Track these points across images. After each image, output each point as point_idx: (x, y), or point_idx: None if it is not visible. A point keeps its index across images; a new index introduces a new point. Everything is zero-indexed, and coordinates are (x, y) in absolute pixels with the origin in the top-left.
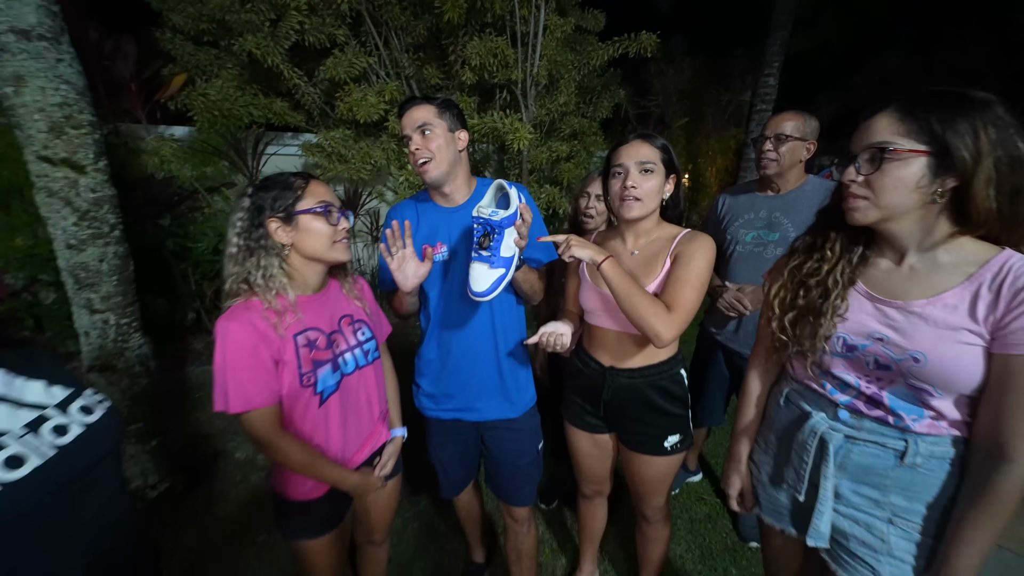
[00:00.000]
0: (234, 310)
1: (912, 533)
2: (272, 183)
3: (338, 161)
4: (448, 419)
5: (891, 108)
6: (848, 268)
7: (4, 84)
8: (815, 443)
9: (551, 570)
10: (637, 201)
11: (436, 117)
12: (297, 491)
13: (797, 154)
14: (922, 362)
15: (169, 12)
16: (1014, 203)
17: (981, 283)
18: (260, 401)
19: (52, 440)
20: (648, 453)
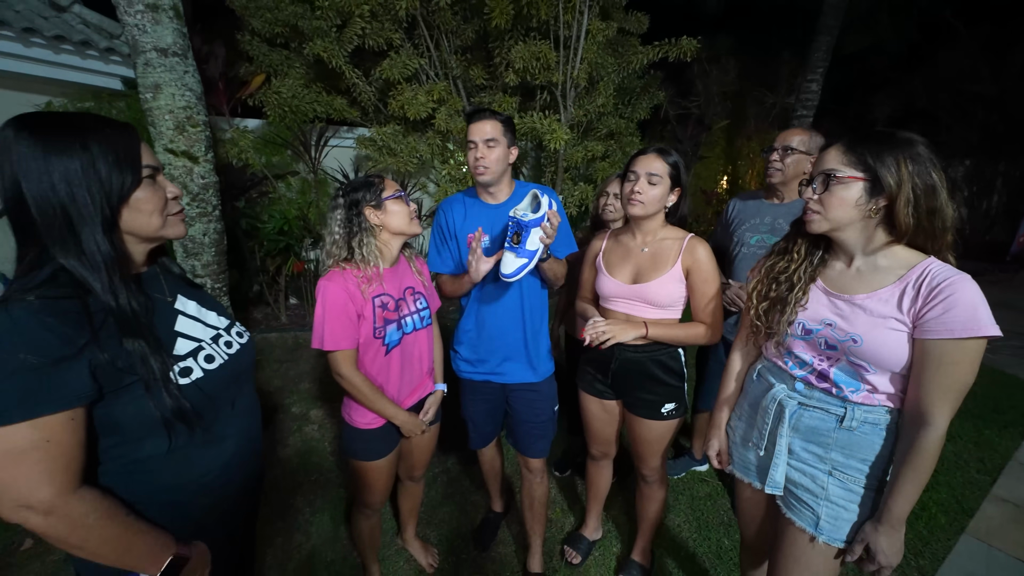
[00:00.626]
0: (332, 274)
1: (847, 483)
2: (357, 184)
3: (388, 154)
4: (480, 380)
5: (839, 143)
6: (810, 268)
7: (145, 91)
8: (774, 408)
9: (561, 526)
10: (640, 204)
11: (501, 134)
12: (361, 421)
13: (801, 166)
14: (859, 343)
15: (250, 17)
16: (931, 220)
17: (907, 283)
18: (345, 344)
19: (225, 350)
20: (647, 417)
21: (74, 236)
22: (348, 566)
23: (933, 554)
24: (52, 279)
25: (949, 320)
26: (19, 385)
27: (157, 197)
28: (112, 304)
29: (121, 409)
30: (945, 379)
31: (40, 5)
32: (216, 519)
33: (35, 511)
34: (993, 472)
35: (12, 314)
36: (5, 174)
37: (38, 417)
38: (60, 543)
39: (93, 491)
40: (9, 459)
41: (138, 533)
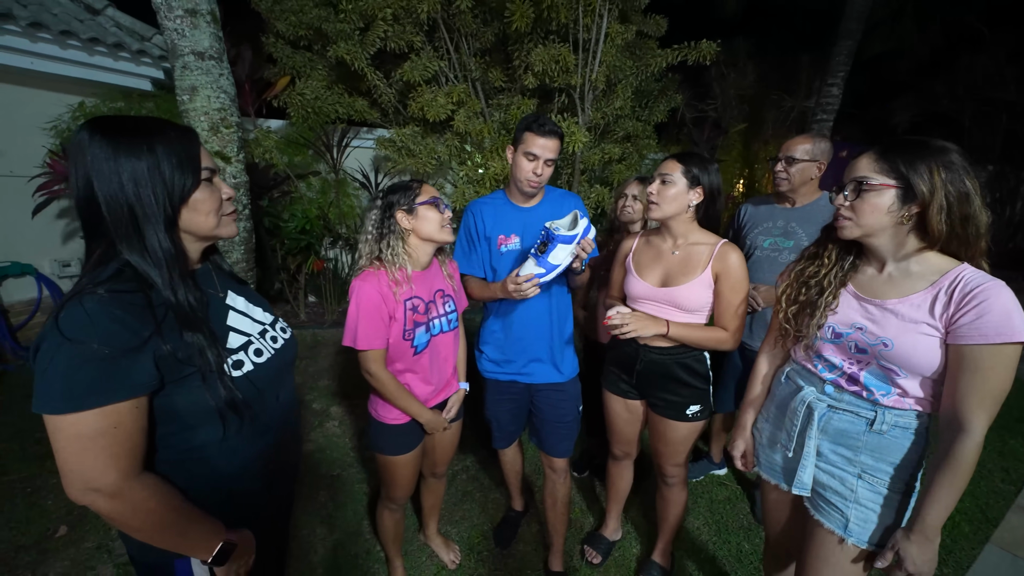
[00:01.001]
0: (366, 275)
1: (876, 486)
2: (396, 187)
3: (407, 155)
4: (505, 381)
5: (871, 151)
6: (840, 272)
7: (182, 93)
8: (803, 410)
9: (580, 525)
10: (654, 205)
11: (557, 153)
12: (388, 417)
13: (808, 173)
14: (890, 347)
15: (275, 20)
16: (964, 226)
17: (940, 289)
18: (376, 344)
19: (271, 344)
20: (672, 418)
21: (139, 233)
22: (372, 560)
23: (957, 563)
24: (118, 274)
25: (983, 325)
26: (92, 374)
27: (214, 198)
28: (172, 299)
29: (179, 398)
30: (981, 385)
31: (76, 8)
32: (260, 507)
33: (102, 494)
34: (1018, 482)
35: (85, 307)
36: (79, 174)
37: (108, 404)
38: (122, 525)
39: (154, 476)
40: (80, 444)
41: (193, 519)
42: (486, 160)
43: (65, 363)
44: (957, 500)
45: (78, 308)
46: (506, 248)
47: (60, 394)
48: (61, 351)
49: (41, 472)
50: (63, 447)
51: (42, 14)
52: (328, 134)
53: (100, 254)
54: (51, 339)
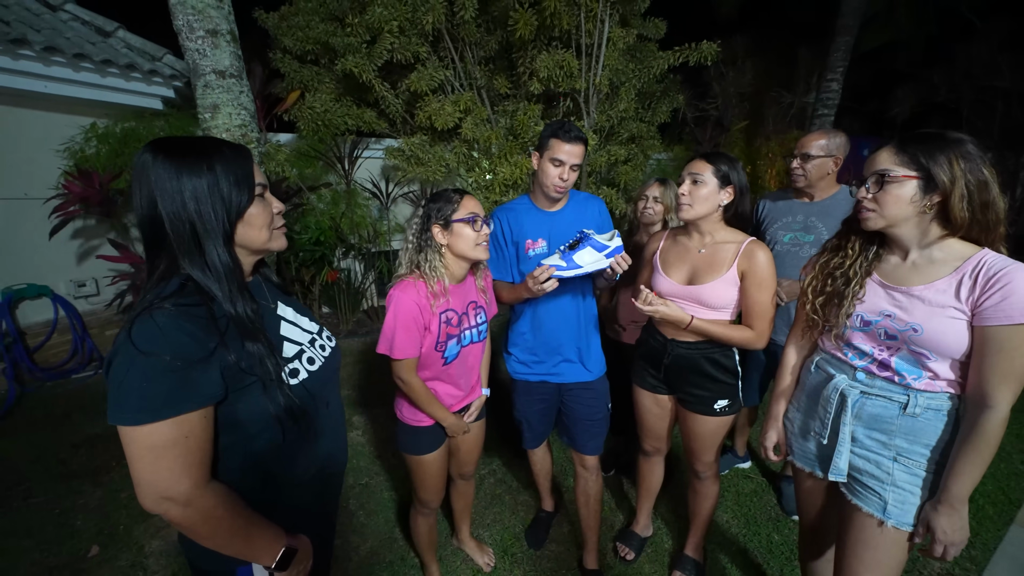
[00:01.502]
0: (405, 285)
1: (912, 468)
2: (439, 197)
3: (416, 164)
4: (535, 381)
5: (891, 144)
6: (865, 262)
7: (204, 111)
8: (837, 398)
9: (610, 523)
10: (687, 205)
11: (583, 158)
12: (412, 418)
13: (824, 168)
14: (919, 331)
15: (282, 36)
16: (984, 213)
17: (964, 273)
18: (410, 353)
19: (321, 353)
20: (700, 413)
21: (199, 249)
22: (407, 566)
23: (984, 544)
24: (181, 288)
25: (1007, 307)
26: (166, 385)
27: (266, 213)
28: (232, 311)
29: (241, 408)
30: (1006, 363)
31: (88, 32)
32: (315, 512)
33: (175, 503)
34: None
35: (157, 321)
36: (143, 193)
37: (181, 415)
38: (193, 533)
39: (221, 485)
40: (155, 454)
41: (257, 526)
42: (494, 166)
43: (140, 375)
44: (982, 473)
45: (150, 322)
46: (533, 252)
47: (136, 406)
48: (136, 364)
49: (68, 493)
50: (139, 458)
51: (56, 38)
52: (338, 146)
53: (163, 270)
54: (125, 353)
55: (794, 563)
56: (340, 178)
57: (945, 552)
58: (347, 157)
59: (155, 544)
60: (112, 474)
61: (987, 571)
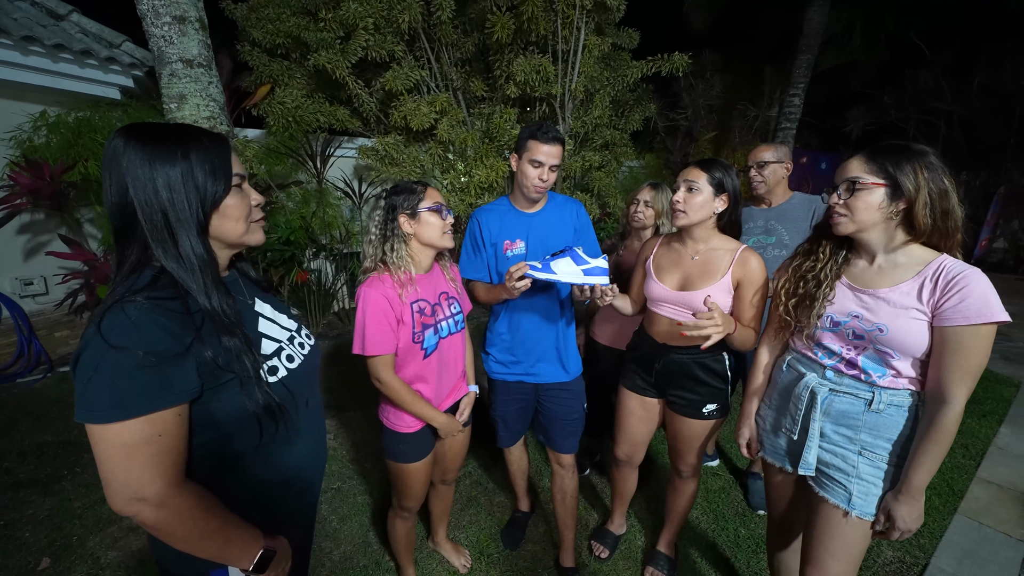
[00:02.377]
0: (371, 281)
1: (875, 462)
2: (401, 188)
3: (390, 164)
4: (513, 381)
5: (861, 154)
6: (835, 266)
7: (170, 101)
8: (807, 395)
9: (585, 522)
10: (681, 213)
11: (561, 159)
12: (400, 424)
13: (778, 174)
14: (885, 331)
15: (251, 28)
16: (945, 220)
17: (925, 277)
18: (385, 349)
19: (300, 350)
20: (688, 416)
21: (173, 239)
22: (382, 570)
23: (931, 533)
24: (154, 281)
25: (965, 308)
26: (139, 381)
27: (244, 204)
28: (207, 305)
29: (217, 406)
30: (962, 361)
31: (39, 14)
32: (294, 513)
33: (148, 503)
34: (977, 457)
35: (128, 314)
36: (114, 180)
37: (154, 412)
38: (168, 535)
39: (196, 485)
40: (126, 453)
41: (234, 527)
42: (469, 168)
43: (111, 371)
44: (939, 464)
45: (121, 315)
46: (512, 253)
47: (107, 403)
48: (106, 359)
49: (16, 504)
50: (109, 457)
51: (2, 19)
52: (310, 143)
53: (134, 261)
54: (94, 347)
55: (760, 555)
56: (311, 176)
57: (901, 537)
58: (319, 155)
59: (111, 555)
60: (64, 483)
61: (934, 557)
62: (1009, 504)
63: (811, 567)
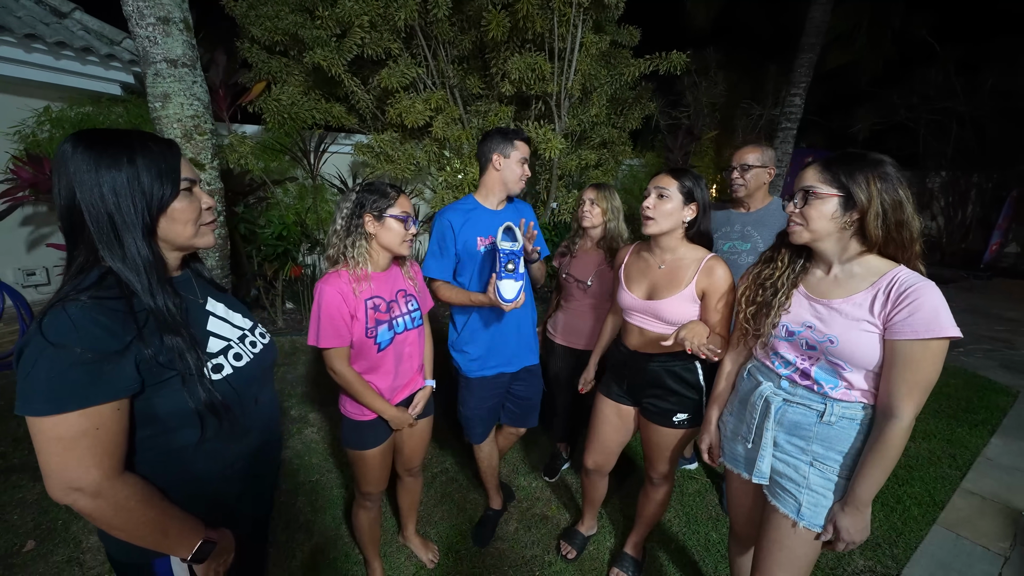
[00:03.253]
0: (328, 277)
1: (826, 473)
2: (375, 188)
3: (385, 161)
4: (491, 375)
5: (816, 163)
6: (792, 274)
7: (155, 100)
8: (761, 404)
9: (556, 522)
10: (651, 220)
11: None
12: (355, 413)
13: (760, 179)
14: (835, 343)
15: (250, 25)
16: (899, 231)
17: (879, 289)
18: (338, 342)
19: (251, 349)
20: (659, 424)
21: (119, 241)
22: (351, 562)
23: (907, 543)
24: (100, 281)
25: (914, 322)
26: (74, 377)
27: (192, 208)
28: (152, 304)
29: (159, 401)
30: (910, 376)
31: (42, 12)
32: (240, 509)
33: (84, 493)
34: (963, 467)
35: (69, 312)
36: (62, 183)
37: (90, 407)
38: (104, 524)
39: (135, 476)
40: (63, 444)
41: (173, 518)
42: (465, 166)
43: (48, 367)
44: (885, 478)
45: (62, 314)
46: (484, 248)
47: (43, 396)
48: (44, 355)
49: (5, 488)
50: (45, 448)
51: (5, 17)
52: (305, 140)
53: (82, 262)
54: (35, 344)
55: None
56: (306, 173)
57: (846, 548)
58: (314, 152)
59: (93, 540)
60: None
61: (907, 568)
62: (991, 516)
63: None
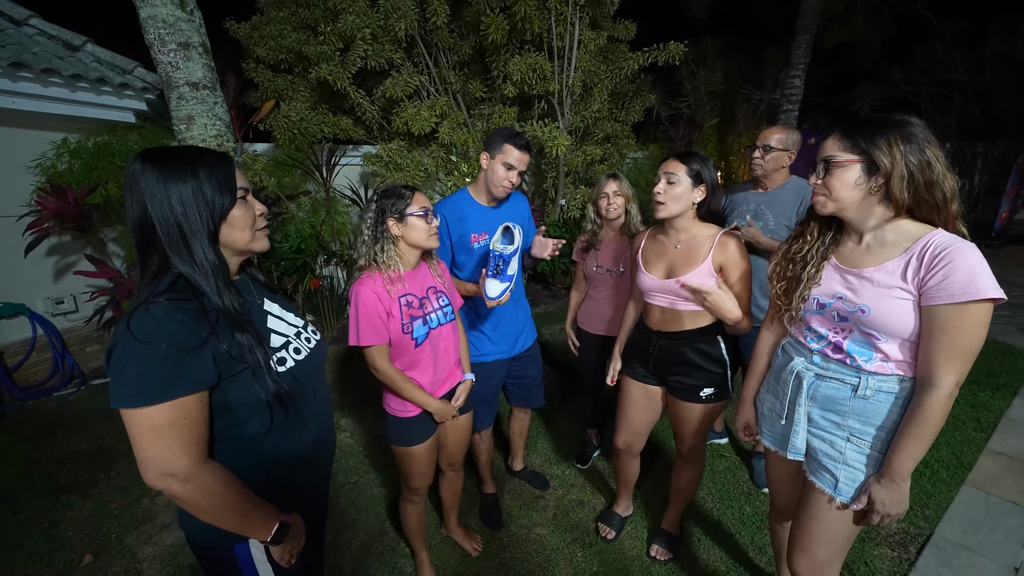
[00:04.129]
0: (362, 279)
1: (863, 448)
2: (391, 192)
3: (394, 169)
4: (491, 361)
5: (835, 131)
6: (822, 247)
7: (179, 123)
8: (793, 380)
9: (592, 506)
10: (662, 204)
11: (527, 165)
12: (400, 410)
13: (780, 161)
14: (867, 312)
15: (254, 46)
16: (931, 192)
17: (913, 254)
18: (377, 340)
19: (306, 344)
20: (686, 400)
21: (188, 248)
22: (398, 555)
23: (937, 505)
24: (173, 285)
25: (949, 286)
26: (163, 371)
27: (249, 214)
28: (220, 304)
29: (233, 394)
30: (948, 343)
31: (55, 46)
32: (307, 493)
33: (176, 479)
34: (988, 429)
35: (152, 313)
36: (135, 199)
37: (177, 398)
38: (193, 507)
39: (217, 463)
40: (156, 434)
41: (252, 503)
42: (472, 169)
43: (138, 362)
44: (925, 450)
45: (146, 314)
46: (479, 245)
47: (136, 390)
48: (135, 352)
49: (57, 506)
50: (140, 437)
51: (22, 53)
52: (316, 154)
53: (155, 269)
54: (124, 342)
55: (764, 532)
56: (319, 186)
57: (881, 522)
58: (325, 165)
59: (148, 550)
60: (101, 487)
61: (939, 527)
62: (1018, 474)
63: (797, 551)
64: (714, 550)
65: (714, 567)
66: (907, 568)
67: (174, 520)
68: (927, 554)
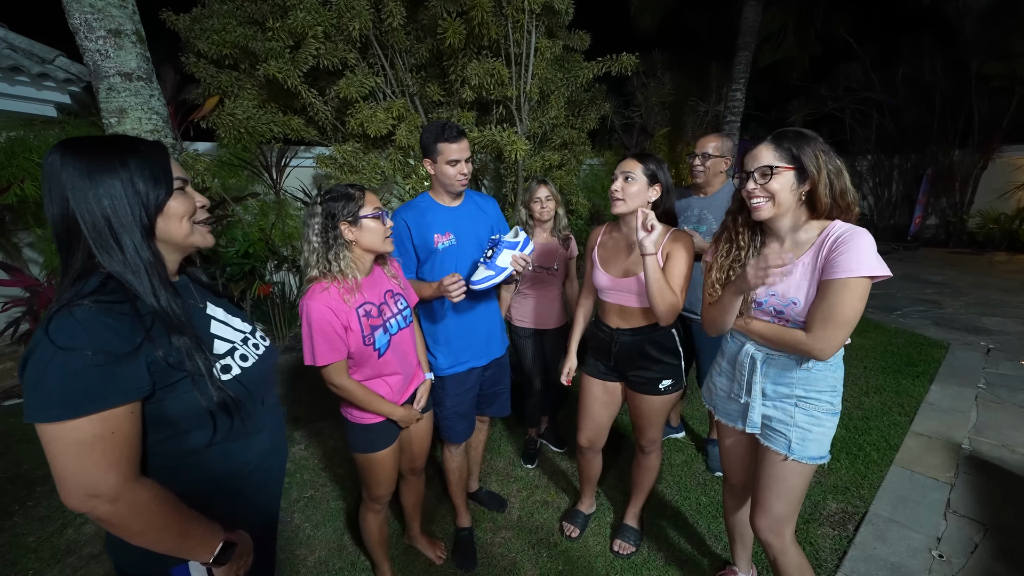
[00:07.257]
0: (314, 292)
1: (809, 411)
2: (339, 194)
3: (349, 172)
4: (463, 371)
5: (767, 142)
6: (755, 252)
7: (110, 116)
8: (748, 361)
9: (557, 505)
10: (619, 200)
11: (469, 149)
12: (362, 417)
13: (718, 167)
14: (798, 304)
15: (195, 39)
16: (843, 197)
17: (820, 244)
18: (333, 358)
19: (254, 351)
20: (647, 393)
21: (118, 244)
22: (358, 570)
23: (870, 484)
24: (101, 287)
25: (840, 263)
26: (88, 380)
27: (188, 205)
28: (156, 305)
29: (170, 404)
30: (826, 309)
31: None
32: (255, 508)
33: (103, 499)
34: (910, 413)
35: (76, 316)
36: (54, 194)
37: (105, 410)
38: (124, 530)
39: (151, 480)
40: (79, 449)
41: (192, 520)
42: None
43: (59, 371)
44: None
45: (69, 318)
46: (443, 245)
47: (57, 402)
48: (55, 360)
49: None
50: (61, 455)
51: None
52: (265, 154)
53: (78, 268)
54: (42, 349)
55: (719, 520)
56: (268, 188)
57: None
58: (275, 166)
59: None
60: (16, 518)
61: (873, 504)
62: (938, 452)
63: (758, 509)
64: (674, 540)
65: (674, 557)
66: (846, 545)
67: (103, 550)
68: (863, 530)
